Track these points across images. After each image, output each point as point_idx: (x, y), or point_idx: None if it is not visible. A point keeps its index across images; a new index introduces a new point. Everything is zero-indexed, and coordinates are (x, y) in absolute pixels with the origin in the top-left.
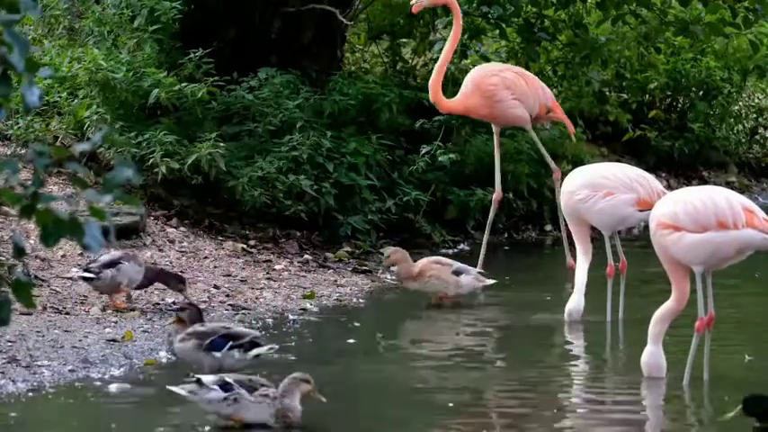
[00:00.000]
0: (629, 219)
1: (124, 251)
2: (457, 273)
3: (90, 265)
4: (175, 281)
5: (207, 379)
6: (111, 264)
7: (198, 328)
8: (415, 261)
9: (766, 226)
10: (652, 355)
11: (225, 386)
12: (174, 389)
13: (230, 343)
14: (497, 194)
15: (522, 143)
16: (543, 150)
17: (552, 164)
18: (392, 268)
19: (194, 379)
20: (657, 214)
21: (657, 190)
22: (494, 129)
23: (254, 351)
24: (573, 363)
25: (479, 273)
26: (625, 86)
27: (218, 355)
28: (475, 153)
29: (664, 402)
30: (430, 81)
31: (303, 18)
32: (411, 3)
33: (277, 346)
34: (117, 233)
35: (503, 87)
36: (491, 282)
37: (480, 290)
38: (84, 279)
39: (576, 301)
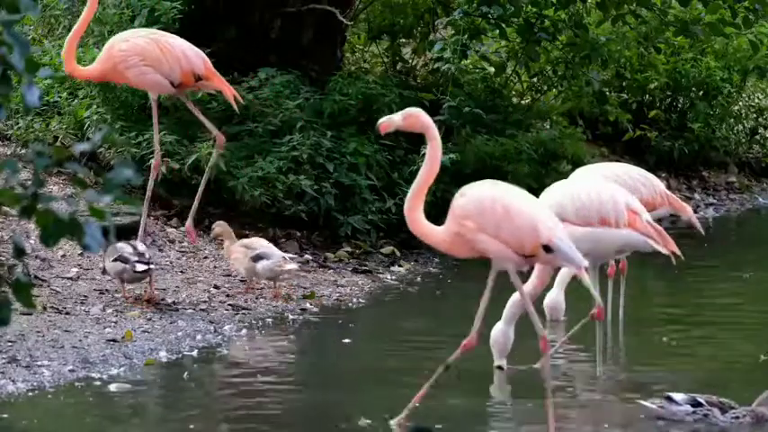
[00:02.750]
0: None
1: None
2: (257, 258)
3: (141, 258)
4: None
5: (677, 396)
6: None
7: None
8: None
9: (647, 229)
10: (501, 332)
11: (694, 403)
12: (643, 403)
13: None
14: (156, 161)
15: (522, 143)
16: (203, 118)
17: (214, 130)
18: (223, 247)
19: (665, 396)
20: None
21: (660, 190)
22: (151, 96)
23: None
24: (571, 362)
25: (285, 258)
26: (625, 86)
27: None
28: (475, 153)
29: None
30: (63, 52)
31: (303, 18)
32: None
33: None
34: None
35: (132, 54)
36: (294, 267)
37: (288, 273)
38: (144, 272)
39: (553, 298)
